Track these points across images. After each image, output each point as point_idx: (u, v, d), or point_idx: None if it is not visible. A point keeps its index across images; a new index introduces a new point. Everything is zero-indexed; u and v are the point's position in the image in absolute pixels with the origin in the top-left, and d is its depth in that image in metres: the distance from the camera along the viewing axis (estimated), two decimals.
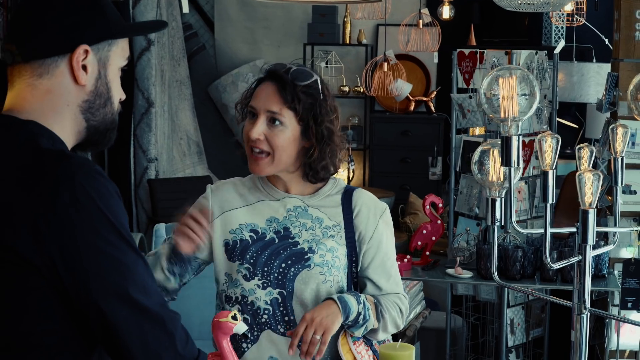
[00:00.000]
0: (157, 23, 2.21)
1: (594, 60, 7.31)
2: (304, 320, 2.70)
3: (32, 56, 1.95)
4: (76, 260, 1.82)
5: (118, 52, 2.05)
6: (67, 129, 1.98)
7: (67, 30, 1.95)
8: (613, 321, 4.89)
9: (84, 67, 1.97)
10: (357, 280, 2.91)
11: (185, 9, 5.53)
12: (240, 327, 2.48)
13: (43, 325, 1.86)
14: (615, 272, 4.97)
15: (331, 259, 2.82)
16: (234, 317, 2.48)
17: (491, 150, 2.64)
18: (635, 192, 4.84)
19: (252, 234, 2.84)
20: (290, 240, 2.83)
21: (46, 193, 1.81)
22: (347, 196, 2.92)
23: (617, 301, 4.83)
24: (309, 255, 2.80)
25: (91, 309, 1.85)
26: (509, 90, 2.42)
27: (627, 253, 4.95)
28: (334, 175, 2.97)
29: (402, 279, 5.16)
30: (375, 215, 2.91)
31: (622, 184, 2.59)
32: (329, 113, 2.85)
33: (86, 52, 1.97)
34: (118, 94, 2.07)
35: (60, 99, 1.97)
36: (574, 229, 2.45)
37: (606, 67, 6.74)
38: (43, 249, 1.80)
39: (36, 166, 1.85)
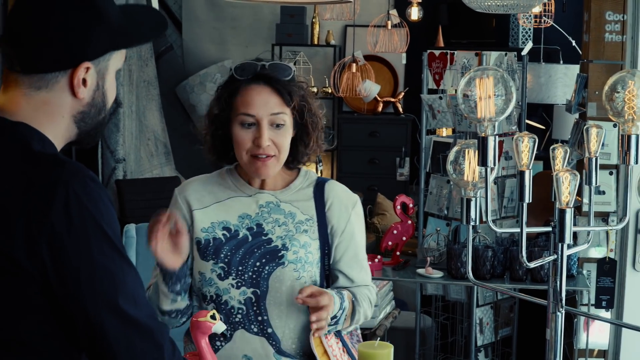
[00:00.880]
0: (158, 23, 2.11)
1: (561, 62, 7.36)
2: (326, 296, 2.69)
3: (32, 70, 1.90)
4: (67, 269, 1.80)
5: (117, 58, 2.01)
6: (59, 136, 1.95)
7: (71, 47, 1.89)
8: (582, 320, 4.92)
9: (84, 81, 1.93)
10: (329, 273, 2.91)
11: (155, 7, 5.52)
12: (219, 327, 2.49)
13: (36, 331, 1.84)
14: (584, 272, 5.01)
15: (304, 255, 2.82)
16: (213, 317, 2.48)
17: (467, 150, 2.66)
18: (604, 193, 4.88)
19: (224, 231, 2.82)
20: (263, 237, 2.82)
21: (40, 200, 1.78)
22: (319, 189, 2.92)
23: (585, 300, 4.87)
24: (282, 252, 2.79)
25: (80, 318, 1.83)
26: (486, 90, 2.44)
27: (596, 253, 4.99)
28: (305, 168, 2.98)
29: (373, 279, 5.19)
30: (347, 208, 2.91)
31: (596, 183, 2.62)
32: (313, 99, 2.88)
33: (87, 68, 1.92)
34: (113, 96, 2.04)
35: (56, 110, 1.93)
36: (549, 228, 2.47)
37: (574, 69, 6.79)
38: (36, 255, 1.78)
39: (30, 171, 1.82)
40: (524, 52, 5.64)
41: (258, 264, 2.79)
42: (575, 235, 4.38)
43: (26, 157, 1.85)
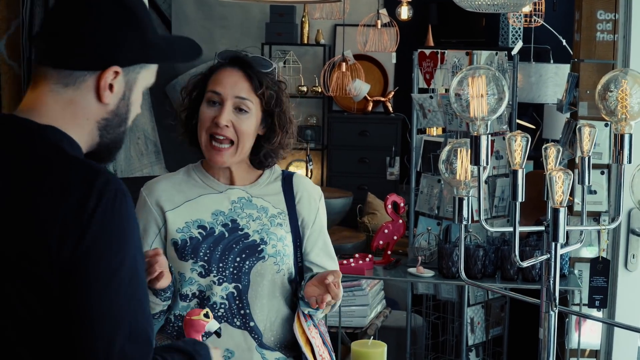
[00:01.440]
0: (193, 49, 2.10)
1: (552, 61, 7.36)
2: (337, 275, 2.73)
3: (62, 65, 1.89)
4: (84, 278, 1.78)
5: (147, 75, 2.00)
6: (82, 140, 1.94)
7: (103, 48, 1.89)
8: (574, 320, 4.92)
9: (110, 86, 1.92)
10: (301, 265, 2.92)
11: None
12: (212, 325, 2.48)
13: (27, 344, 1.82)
14: (576, 272, 5.01)
15: (282, 248, 2.84)
16: (206, 315, 2.48)
17: (459, 150, 2.65)
18: (595, 192, 4.88)
19: (200, 230, 2.81)
20: (239, 232, 2.82)
21: (74, 207, 1.77)
22: (287, 182, 2.94)
23: (577, 300, 4.87)
24: (261, 246, 2.81)
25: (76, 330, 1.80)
26: (478, 89, 2.43)
27: (587, 253, 4.99)
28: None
29: (364, 278, 5.20)
30: (315, 200, 2.95)
31: (589, 183, 2.61)
32: (288, 100, 2.89)
33: (116, 73, 1.91)
34: (135, 114, 2.03)
35: (82, 111, 1.92)
36: (542, 228, 2.47)
37: (564, 68, 6.80)
38: (59, 264, 1.76)
39: (65, 175, 1.81)
40: (514, 52, 5.64)
41: (238, 259, 2.80)
42: (566, 234, 4.38)
43: (61, 160, 1.84)
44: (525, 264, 2.51)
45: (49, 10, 1.94)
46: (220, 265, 2.79)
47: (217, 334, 2.58)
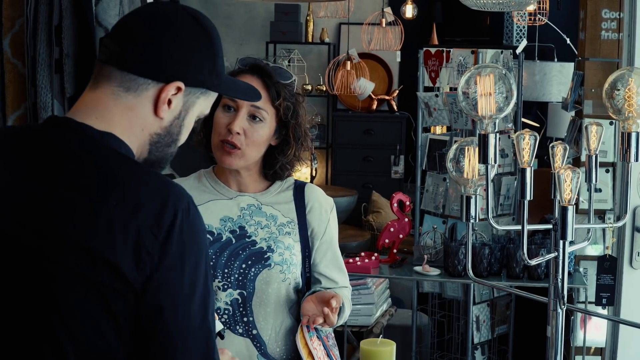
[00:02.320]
0: (254, 93, 2.12)
1: (556, 60, 7.37)
2: (339, 301, 2.74)
3: (128, 68, 1.87)
4: (160, 291, 1.76)
5: (205, 103, 1.98)
6: (135, 151, 1.91)
7: (173, 62, 1.87)
8: (579, 317, 4.93)
9: (169, 102, 1.89)
10: (309, 275, 2.91)
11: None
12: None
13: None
14: (581, 269, 5.01)
15: (289, 256, 2.81)
16: None
17: (467, 148, 2.66)
18: (600, 190, 4.89)
19: (207, 235, 2.78)
20: (247, 239, 2.80)
21: (152, 216, 1.75)
22: (298, 191, 2.92)
23: (582, 298, 4.87)
24: (268, 254, 2.79)
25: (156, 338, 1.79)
26: (487, 88, 2.44)
27: (592, 251, 5.00)
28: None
29: (370, 276, 5.21)
30: (326, 212, 2.92)
31: (596, 181, 2.62)
32: (306, 114, 2.86)
33: (178, 89, 1.89)
34: (184, 137, 2.00)
35: (138, 120, 1.89)
36: (550, 226, 2.48)
37: (568, 66, 6.81)
38: (142, 270, 1.74)
39: (141, 183, 1.80)
40: (519, 50, 5.65)
41: (244, 265, 2.78)
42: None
43: (132, 168, 1.83)
44: (533, 262, 2.52)
45: (129, 15, 1.91)
46: (226, 271, 2.77)
47: (221, 335, 2.58)
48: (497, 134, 2.51)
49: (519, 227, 2.49)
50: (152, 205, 1.76)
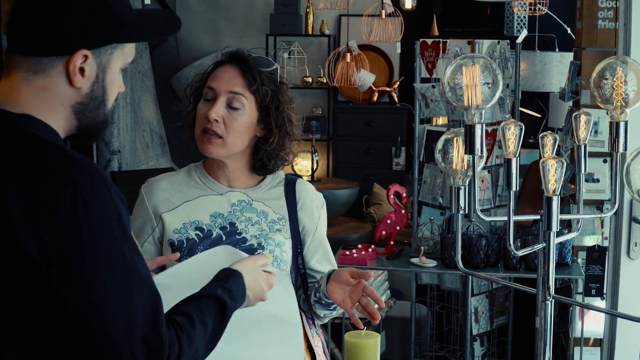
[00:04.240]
0: (170, 22, 2.08)
1: (557, 50, 7.33)
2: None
3: (29, 52, 1.88)
4: (72, 268, 1.77)
5: (121, 55, 1.97)
6: (60, 126, 1.92)
7: (68, 33, 1.87)
8: (577, 309, 4.92)
9: (82, 70, 1.90)
10: (303, 272, 2.90)
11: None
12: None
13: (36, 334, 1.81)
14: (579, 260, 5.00)
15: (280, 253, 2.80)
16: None
17: (455, 139, 2.64)
18: (598, 181, 4.87)
19: (197, 232, 2.77)
20: (237, 236, 2.78)
21: (49, 197, 1.77)
22: (289, 187, 2.91)
23: (580, 289, 4.86)
24: (259, 251, 2.77)
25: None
26: (473, 78, 2.42)
27: (590, 241, 4.98)
28: None
29: (367, 268, 5.20)
30: (317, 208, 2.92)
31: (585, 171, 2.60)
32: (289, 102, 2.84)
33: (85, 56, 1.89)
34: (115, 94, 2.00)
35: (55, 97, 1.90)
36: (538, 217, 2.46)
37: (569, 56, 6.77)
38: (44, 249, 1.76)
39: (40, 163, 1.81)
40: (519, 40, 5.62)
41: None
42: (569, 223, 4.37)
43: (36, 148, 1.83)
44: (520, 253, 2.51)
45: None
46: None
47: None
48: (484, 125, 2.49)
49: (505, 218, 2.48)
50: (52, 183, 1.77)
